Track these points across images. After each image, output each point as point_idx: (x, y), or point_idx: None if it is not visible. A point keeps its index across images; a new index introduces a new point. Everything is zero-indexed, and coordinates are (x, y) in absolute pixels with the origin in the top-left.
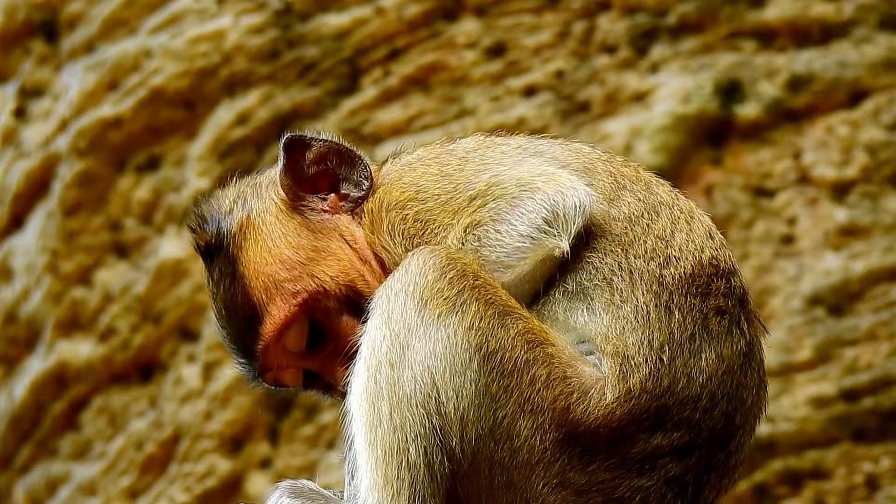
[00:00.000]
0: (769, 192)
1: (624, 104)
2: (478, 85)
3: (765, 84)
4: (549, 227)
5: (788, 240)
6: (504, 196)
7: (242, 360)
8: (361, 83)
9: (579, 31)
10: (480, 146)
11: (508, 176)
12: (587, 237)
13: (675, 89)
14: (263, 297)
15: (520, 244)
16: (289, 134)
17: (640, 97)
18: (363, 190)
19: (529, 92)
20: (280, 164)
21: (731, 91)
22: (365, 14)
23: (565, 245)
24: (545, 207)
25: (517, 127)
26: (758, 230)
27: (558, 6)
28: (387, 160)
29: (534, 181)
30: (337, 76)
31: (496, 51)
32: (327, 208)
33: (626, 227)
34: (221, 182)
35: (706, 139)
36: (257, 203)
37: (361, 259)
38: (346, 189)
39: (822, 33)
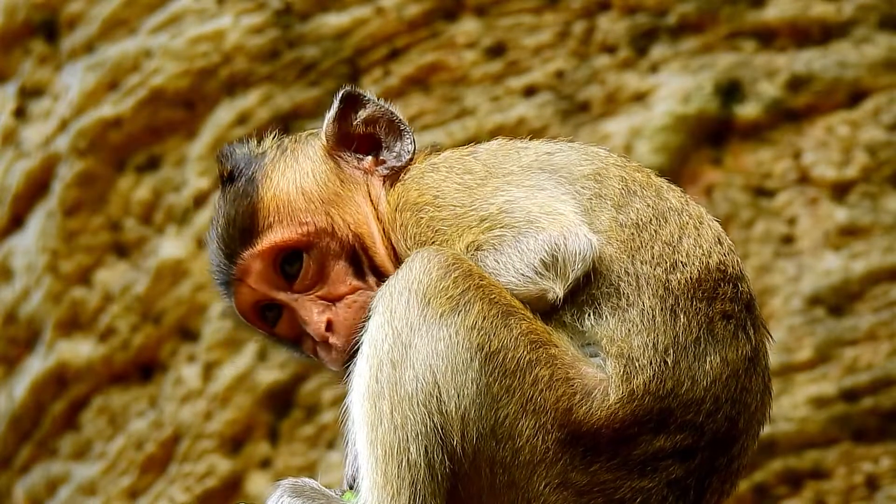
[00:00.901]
0: (769, 192)
1: (624, 104)
2: (478, 85)
3: (765, 84)
4: (546, 270)
5: (788, 240)
6: (511, 226)
7: (221, 261)
8: (361, 83)
9: (579, 31)
10: (500, 152)
11: (520, 206)
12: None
13: (675, 89)
14: (272, 216)
15: (514, 279)
16: (348, 87)
17: (640, 97)
18: (402, 161)
19: (529, 92)
20: (332, 112)
21: (731, 91)
22: (365, 14)
23: (559, 291)
24: (545, 249)
25: (517, 127)
26: (758, 230)
27: (558, 6)
28: (423, 151)
29: (541, 219)
30: (337, 76)
31: (496, 51)
32: (362, 168)
33: (633, 233)
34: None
35: (706, 139)
36: (294, 145)
37: (379, 220)
38: (385, 156)
39: (822, 33)
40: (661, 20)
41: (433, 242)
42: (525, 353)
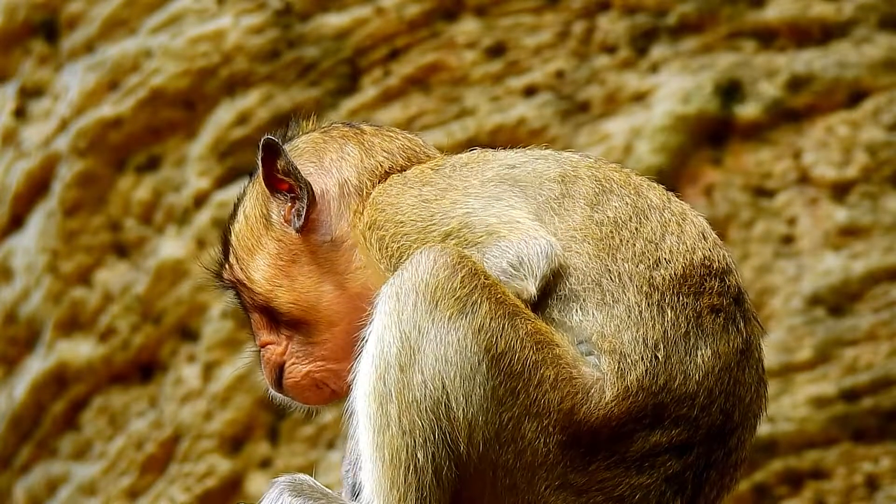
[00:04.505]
0: (769, 192)
1: (624, 104)
2: (478, 85)
3: (765, 84)
4: (515, 270)
5: (788, 240)
6: (474, 242)
7: (216, 266)
8: (361, 83)
9: (579, 31)
10: (466, 164)
11: (479, 219)
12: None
13: (675, 89)
14: (226, 251)
15: None
16: (269, 137)
17: (640, 97)
18: (295, 225)
19: (529, 92)
20: (258, 158)
21: (731, 91)
22: (365, 14)
23: (532, 289)
24: (509, 254)
25: (517, 127)
26: (758, 230)
27: (558, 6)
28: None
29: (500, 229)
30: (337, 76)
31: (496, 51)
32: (286, 216)
33: (612, 231)
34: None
35: (706, 139)
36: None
37: (287, 276)
38: (295, 208)
39: (822, 33)
40: (661, 20)
41: (402, 258)
42: (531, 353)
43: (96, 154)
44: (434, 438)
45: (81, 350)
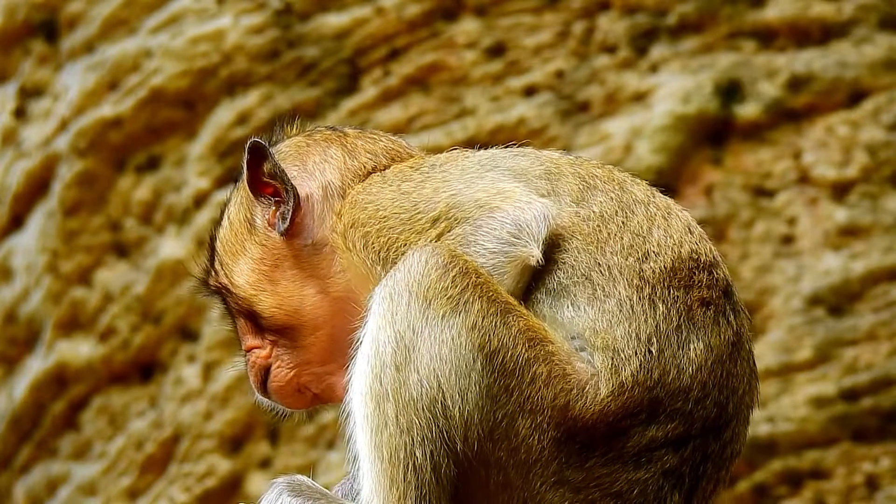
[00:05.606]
0: (769, 192)
1: (624, 104)
2: (478, 85)
3: (765, 84)
4: (517, 238)
5: (788, 240)
6: (466, 219)
7: (202, 271)
8: (361, 83)
9: (579, 31)
10: (445, 161)
11: (466, 197)
12: (555, 242)
13: (675, 89)
14: (211, 257)
15: (494, 260)
16: (255, 140)
17: (640, 97)
18: (280, 228)
19: (529, 92)
20: (244, 162)
21: (731, 91)
22: (365, 14)
23: (537, 252)
24: (507, 222)
25: (517, 127)
26: (758, 230)
27: (558, 6)
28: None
29: (491, 201)
30: (337, 76)
31: (496, 51)
32: (270, 220)
33: (598, 225)
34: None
35: (706, 139)
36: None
37: (270, 280)
38: (280, 212)
39: (822, 33)
40: (661, 20)
41: (389, 251)
42: (524, 350)
43: (96, 154)
44: (432, 436)
45: (81, 350)
